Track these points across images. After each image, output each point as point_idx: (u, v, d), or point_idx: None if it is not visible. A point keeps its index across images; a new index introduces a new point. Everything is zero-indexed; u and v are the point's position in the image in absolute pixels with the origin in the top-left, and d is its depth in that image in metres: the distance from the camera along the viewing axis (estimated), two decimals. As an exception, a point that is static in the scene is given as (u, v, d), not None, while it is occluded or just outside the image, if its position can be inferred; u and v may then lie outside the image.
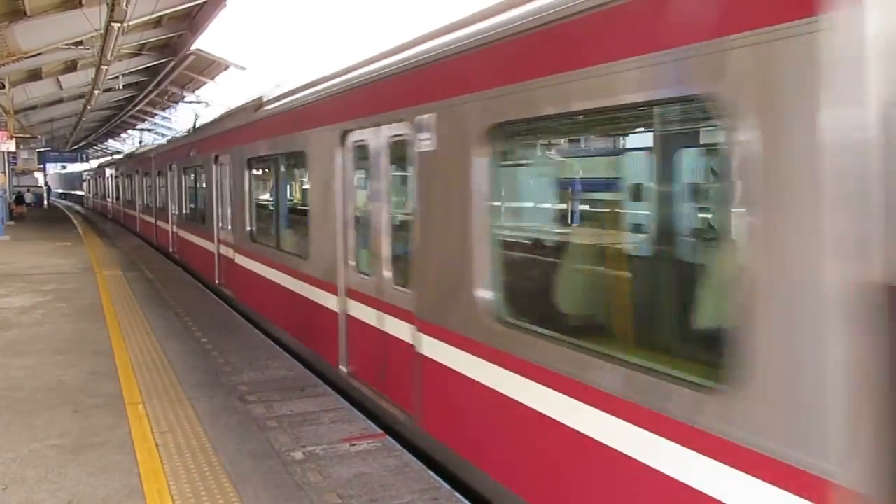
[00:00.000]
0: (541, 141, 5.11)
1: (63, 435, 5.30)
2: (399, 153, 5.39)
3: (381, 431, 5.42)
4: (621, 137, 5.30)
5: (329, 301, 6.70)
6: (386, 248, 5.74)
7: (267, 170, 9.98)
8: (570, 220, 5.83)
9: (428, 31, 5.18)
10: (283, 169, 9.19)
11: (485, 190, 4.19)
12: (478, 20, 4.41)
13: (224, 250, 11.41)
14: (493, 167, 4.24)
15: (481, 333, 4.18)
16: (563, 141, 5.32)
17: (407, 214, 5.40)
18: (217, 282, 11.90)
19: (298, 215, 8.43)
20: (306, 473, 4.62)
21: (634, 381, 3.11)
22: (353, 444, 5.13)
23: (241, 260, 10.14)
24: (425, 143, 4.79)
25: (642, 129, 4.80)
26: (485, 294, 4.18)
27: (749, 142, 2.54)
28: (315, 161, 7.14)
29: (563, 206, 5.86)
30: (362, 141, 5.99)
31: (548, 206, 5.89)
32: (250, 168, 9.82)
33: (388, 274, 5.66)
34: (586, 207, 5.98)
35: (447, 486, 4.48)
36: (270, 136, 8.74)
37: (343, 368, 6.50)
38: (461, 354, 4.39)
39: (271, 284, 8.63)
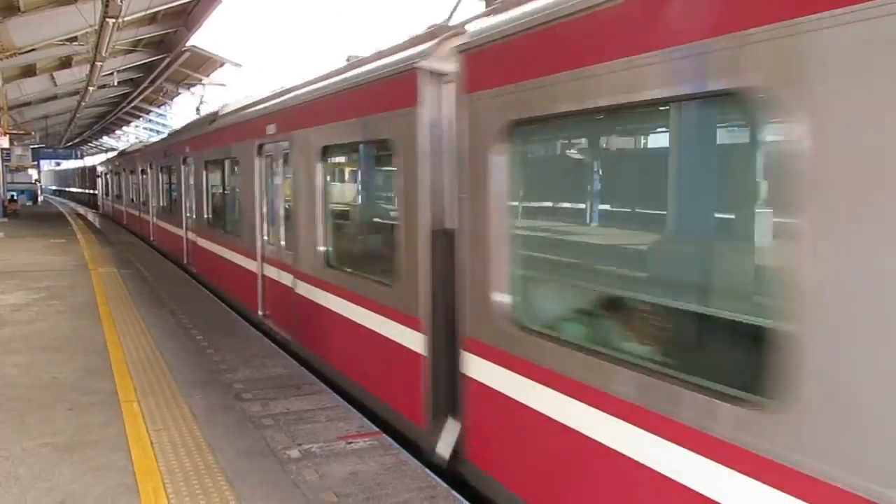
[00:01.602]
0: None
1: (57, 433, 5.26)
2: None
3: (377, 430, 5.40)
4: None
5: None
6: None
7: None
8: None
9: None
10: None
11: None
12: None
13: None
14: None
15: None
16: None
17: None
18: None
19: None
20: (302, 472, 4.59)
21: None
22: (350, 443, 5.10)
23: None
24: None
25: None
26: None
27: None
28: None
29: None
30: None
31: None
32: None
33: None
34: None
35: (444, 485, 4.46)
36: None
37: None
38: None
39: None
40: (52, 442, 5.09)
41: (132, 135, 64.43)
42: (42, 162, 59.40)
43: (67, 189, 78.06)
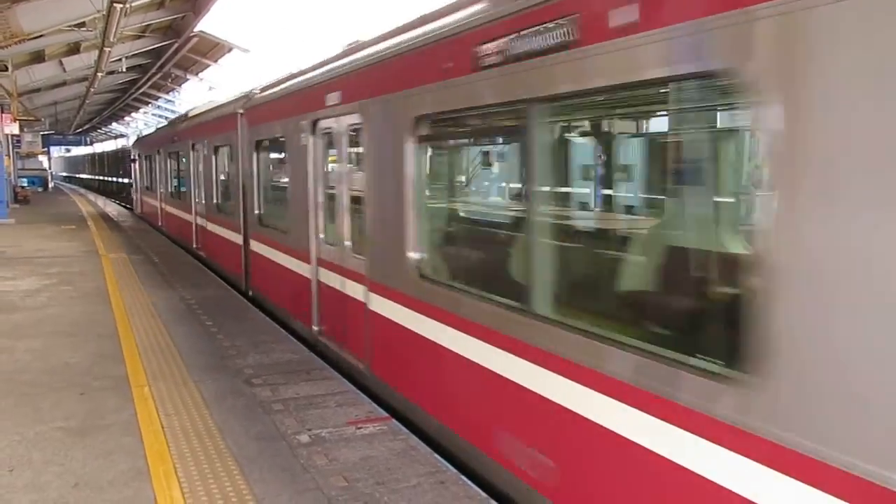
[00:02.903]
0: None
1: (69, 417, 5.31)
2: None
3: (386, 415, 5.42)
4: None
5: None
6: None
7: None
8: None
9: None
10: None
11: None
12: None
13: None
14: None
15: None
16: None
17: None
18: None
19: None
20: (312, 456, 4.62)
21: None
22: (359, 428, 5.12)
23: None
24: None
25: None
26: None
27: None
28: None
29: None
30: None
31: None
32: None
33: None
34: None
35: (453, 470, 4.47)
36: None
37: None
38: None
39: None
40: (64, 426, 5.13)
41: (141, 121, 64.58)
42: (52, 148, 59.62)
43: (77, 175, 78.43)
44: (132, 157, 27.78)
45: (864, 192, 2.19)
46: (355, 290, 6.31)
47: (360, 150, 6.23)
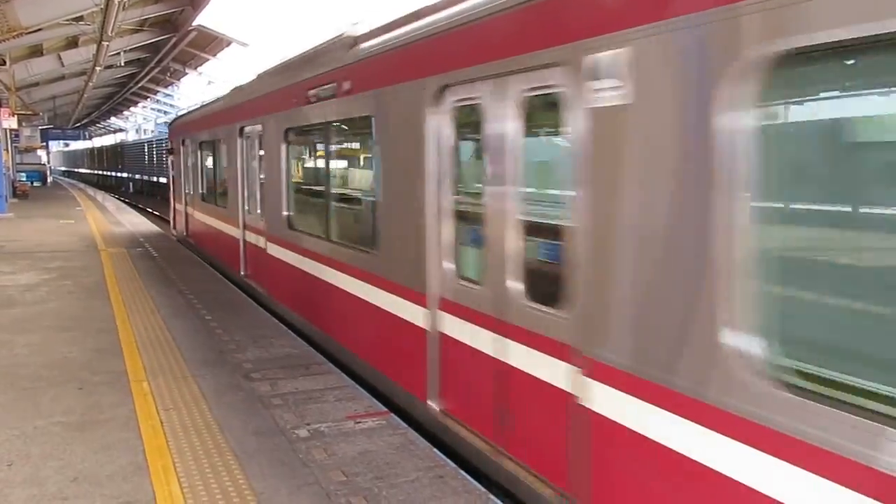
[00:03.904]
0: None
1: (68, 412, 5.30)
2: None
3: (385, 409, 5.41)
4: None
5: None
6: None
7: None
8: None
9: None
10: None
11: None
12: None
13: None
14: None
15: None
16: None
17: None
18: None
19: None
20: (311, 451, 4.62)
21: None
22: (358, 422, 5.12)
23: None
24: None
25: None
26: None
27: None
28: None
29: None
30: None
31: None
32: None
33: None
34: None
35: (452, 464, 4.47)
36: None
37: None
38: None
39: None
40: (63, 421, 5.13)
41: (140, 115, 64.44)
42: (50, 143, 59.52)
43: (76, 170, 78.30)
44: (169, 146, 18.22)
45: None
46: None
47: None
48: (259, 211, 9.62)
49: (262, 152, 9.32)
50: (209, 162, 13.30)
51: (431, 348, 4.99)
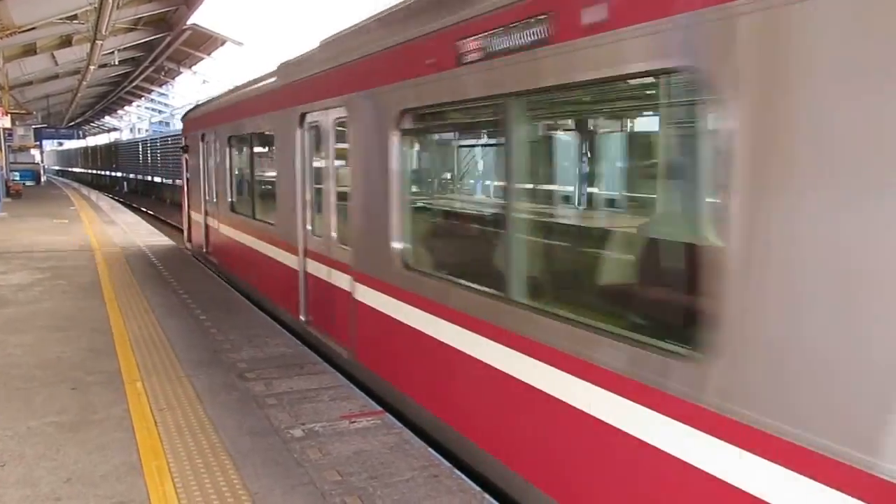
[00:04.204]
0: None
1: (62, 412, 5.29)
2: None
3: (380, 409, 5.42)
4: None
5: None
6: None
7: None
8: None
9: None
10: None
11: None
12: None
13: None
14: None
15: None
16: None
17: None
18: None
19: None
20: (306, 451, 4.61)
21: None
22: (353, 422, 5.12)
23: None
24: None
25: None
26: None
27: None
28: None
29: None
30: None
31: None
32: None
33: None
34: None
35: (447, 464, 4.48)
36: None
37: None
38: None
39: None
40: (57, 421, 5.11)
41: (134, 115, 64.23)
42: (44, 142, 59.29)
43: (70, 169, 77.99)
44: (184, 143, 15.42)
45: None
46: None
47: None
48: (334, 235, 6.82)
49: (347, 146, 6.33)
50: (243, 162, 10.47)
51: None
